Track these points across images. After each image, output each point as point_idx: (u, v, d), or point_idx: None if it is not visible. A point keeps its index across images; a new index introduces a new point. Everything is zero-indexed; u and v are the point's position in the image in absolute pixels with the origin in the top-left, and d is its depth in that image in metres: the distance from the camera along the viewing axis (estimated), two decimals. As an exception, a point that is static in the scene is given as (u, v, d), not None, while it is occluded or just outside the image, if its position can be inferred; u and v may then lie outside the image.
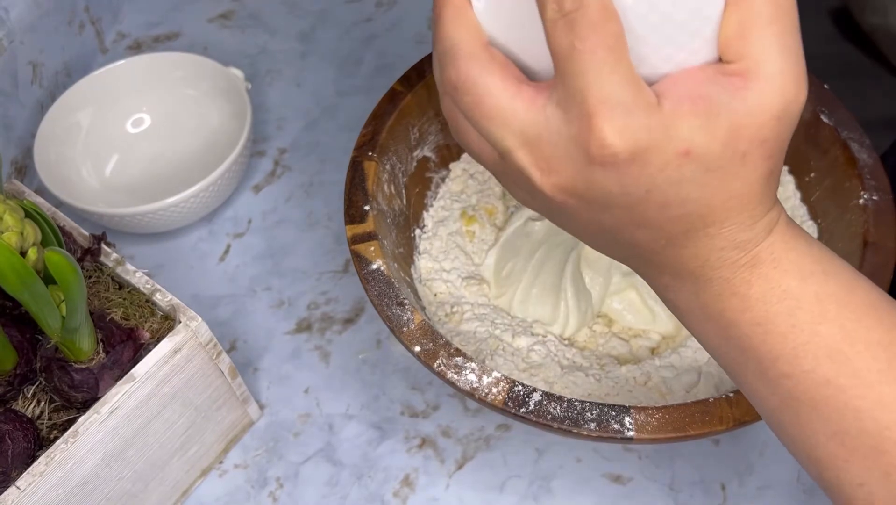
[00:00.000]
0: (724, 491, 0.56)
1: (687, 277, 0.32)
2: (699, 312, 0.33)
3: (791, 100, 0.29)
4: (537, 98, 0.29)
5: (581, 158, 0.29)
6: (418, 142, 0.61)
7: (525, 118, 0.30)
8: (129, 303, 0.51)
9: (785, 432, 0.34)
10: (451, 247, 0.61)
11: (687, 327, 0.35)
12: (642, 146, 0.28)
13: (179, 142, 0.74)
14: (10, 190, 0.57)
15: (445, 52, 0.31)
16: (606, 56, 0.27)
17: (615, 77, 0.27)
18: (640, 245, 0.32)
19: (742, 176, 0.29)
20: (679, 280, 0.33)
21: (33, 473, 0.45)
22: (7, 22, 0.69)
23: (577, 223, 0.33)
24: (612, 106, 0.27)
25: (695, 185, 0.29)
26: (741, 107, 0.28)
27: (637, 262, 0.34)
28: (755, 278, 0.31)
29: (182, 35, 0.85)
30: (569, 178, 0.30)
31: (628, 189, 0.29)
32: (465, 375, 0.47)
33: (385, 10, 0.86)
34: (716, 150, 0.28)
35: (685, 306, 0.34)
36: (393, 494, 0.57)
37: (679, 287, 0.33)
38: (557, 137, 0.29)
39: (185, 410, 0.53)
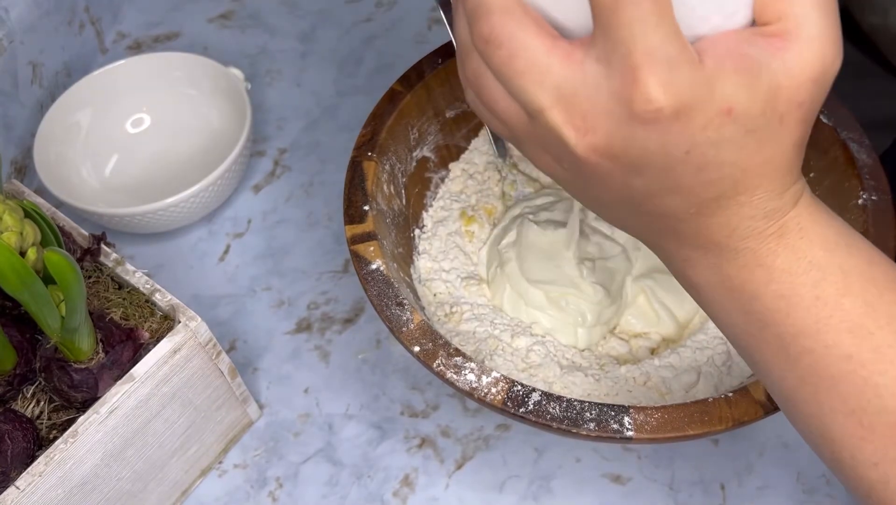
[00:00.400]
0: (724, 491, 0.56)
1: (711, 248, 0.32)
2: (720, 287, 0.33)
3: (829, 63, 0.28)
4: (574, 53, 0.28)
5: (622, 115, 0.28)
6: (418, 142, 0.61)
7: (561, 74, 0.28)
8: (128, 303, 0.51)
9: (800, 412, 0.34)
10: (451, 247, 0.61)
11: (702, 304, 0.35)
12: (686, 102, 0.27)
13: (179, 142, 0.74)
14: (10, 190, 0.57)
15: (478, 5, 0.30)
16: (652, 8, 0.26)
17: (661, 30, 0.26)
18: (667, 214, 0.31)
19: (778, 139, 0.29)
20: (701, 252, 0.32)
21: (33, 473, 0.45)
22: (7, 22, 0.69)
23: (604, 189, 0.31)
24: (658, 60, 0.27)
25: (733, 147, 0.29)
26: (781, 67, 0.28)
27: (656, 234, 0.34)
28: (781, 249, 0.31)
29: (182, 35, 0.85)
30: (606, 137, 0.29)
31: (668, 148, 0.28)
32: (465, 374, 0.47)
33: (385, 10, 0.86)
34: (756, 110, 0.28)
35: (705, 281, 0.33)
36: (393, 494, 0.57)
37: (700, 260, 0.33)
38: (596, 93, 0.28)
39: (185, 409, 0.53)
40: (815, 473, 0.56)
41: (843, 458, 0.33)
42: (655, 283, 0.58)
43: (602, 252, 0.58)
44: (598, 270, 0.57)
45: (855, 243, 0.32)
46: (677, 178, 0.29)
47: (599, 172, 0.30)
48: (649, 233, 0.34)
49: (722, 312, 0.34)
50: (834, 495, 0.56)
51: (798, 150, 0.30)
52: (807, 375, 0.32)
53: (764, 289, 0.32)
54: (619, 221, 0.35)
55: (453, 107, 0.63)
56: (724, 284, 0.33)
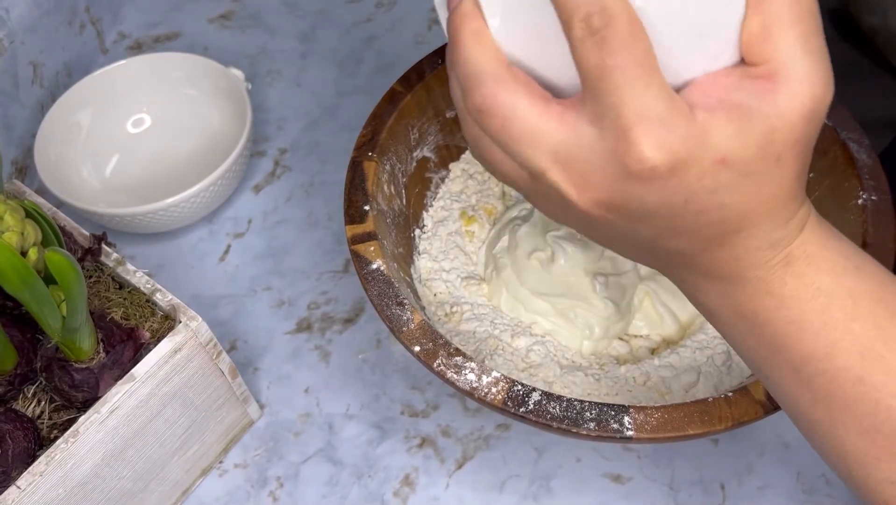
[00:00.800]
0: (724, 491, 0.56)
1: (721, 278, 0.33)
2: (731, 312, 0.34)
3: (820, 99, 0.29)
4: (566, 115, 0.29)
5: (618, 173, 0.29)
6: (418, 142, 0.61)
7: (556, 136, 0.29)
8: (129, 303, 0.51)
9: (815, 431, 0.34)
10: (451, 247, 0.61)
11: (716, 327, 0.36)
12: (680, 158, 0.28)
13: (180, 142, 0.74)
14: (11, 190, 0.58)
15: (468, 76, 0.31)
16: (639, 71, 0.27)
17: (649, 91, 0.27)
18: (676, 252, 0.32)
19: (777, 178, 0.30)
20: (712, 282, 0.33)
21: (33, 473, 0.45)
22: (8, 22, 0.69)
23: (612, 235, 0.33)
24: (649, 120, 0.27)
25: (731, 191, 0.29)
26: (772, 110, 0.28)
27: (668, 267, 0.34)
28: (789, 276, 0.32)
29: (182, 35, 0.85)
30: (606, 193, 0.30)
31: (667, 200, 0.29)
32: (465, 374, 0.47)
33: (385, 10, 0.86)
34: (751, 156, 0.28)
35: (717, 307, 0.34)
36: (393, 494, 0.57)
37: (711, 288, 0.33)
38: (591, 153, 0.29)
39: (186, 409, 0.53)
40: (814, 472, 0.56)
41: (859, 476, 0.33)
42: (659, 285, 0.58)
43: (615, 268, 0.58)
44: (611, 286, 0.57)
45: (864, 266, 0.33)
46: (680, 224, 0.30)
47: (604, 223, 0.31)
48: (662, 266, 0.35)
49: (735, 336, 0.35)
50: (834, 495, 0.56)
51: (799, 180, 0.31)
52: (820, 396, 0.33)
53: (774, 315, 0.32)
54: (631, 257, 0.35)
55: (453, 107, 0.63)
56: (736, 310, 0.33)
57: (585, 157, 0.29)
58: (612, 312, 0.56)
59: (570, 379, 0.53)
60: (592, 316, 0.56)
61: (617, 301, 0.57)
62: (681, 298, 0.58)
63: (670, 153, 0.28)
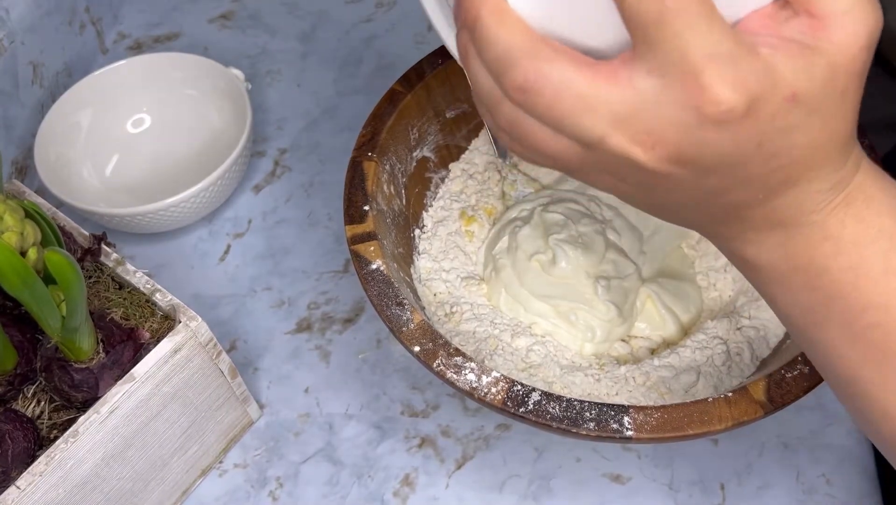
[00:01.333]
0: (723, 491, 0.56)
1: (777, 227, 0.31)
2: (784, 265, 0.32)
3: (873, 26, 0.28)
4: (619, 74, 0.28)
5: (690, 122, 0.27)
6: (418, 142, 0.61)
7: (613, 98, 0.28)
8: (129, 303, 0.51)
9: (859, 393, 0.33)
10: (451, 247, 0.61)
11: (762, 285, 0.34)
12: (755, 96, 0.27)
13: (180, 142, 0.74)
14: (11, 190, 0.58)
15: (500, 58, 0.29)
16: (700, 10, 0.26)
17: (714, 30, 0.26)
18: (737, 204, 0.31)
19: (841, 114, 0.29)
20: (766, 232, 0.32)
21: (33, 473, 0.45)
22: (8, 22, 0.69)
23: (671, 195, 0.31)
24: (719, 60, 0.26)
25: (801, 131, 0.28)
26: (829, 46, 0.28)
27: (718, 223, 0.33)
28: (849, 219, 0.31)
29: (182, 35, 0.85)
30: (677, 146, 0.28)
31: (740, 145, 0.28)
32: (465, 374, 0.47)
33: (385, 10, 0.86)
34: (817, 91, 0.28)
35: (769, 261, 0.33)
36: (393, 494, 0.57)
37: (765, 241, 0.32)
38: (657, 107, 0.27)
39: (186, 409, 0.53)
40: (814, 472, 0.56)
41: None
42: (660, 287, 0.58)
43: (617, 271, 0.58)
44: (613, 289, 0.57)
45: None
46: (750, 171, 0.29)
47: (670, 181, 0.30)
48: (711, 224, 0.33)
49: (785, 292, 0.33)
50: (834, 495, 0.56)
51: (856, 115, 0.30)
52: (872, 350, 0.32)
53: (832, 262, 0.31)
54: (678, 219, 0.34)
55: (453, 107, 0.63)
56: (790, 261, 0.32)
57: (650, 113, 0.28)
58: (614, 316, 0.56)
59: (570, 379, 0.53)
60: (594, 319, 0.56)
61: (619, 304, 0.57)
62: (682, 299, 0.58)
63: (745, 92, 0.26)
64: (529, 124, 0.30)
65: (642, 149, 0.28)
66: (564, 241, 0.58)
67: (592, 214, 0.60)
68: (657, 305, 0.58)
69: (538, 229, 0.59)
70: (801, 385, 0.45)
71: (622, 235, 0.60)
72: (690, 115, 0.27)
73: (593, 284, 0.57)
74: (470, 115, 0.64)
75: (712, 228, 0.34)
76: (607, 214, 0.61)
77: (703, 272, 0.60)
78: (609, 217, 0.61)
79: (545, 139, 0.30)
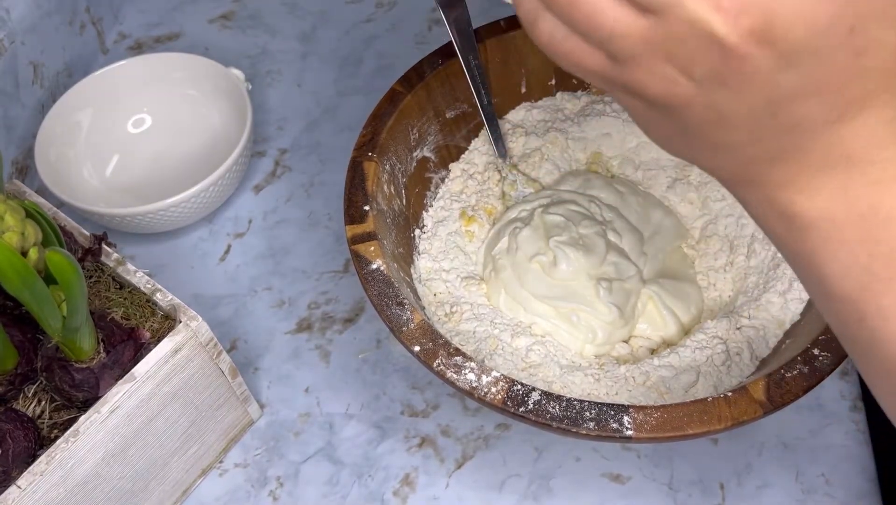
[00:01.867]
0: (723, 490, 0.56)
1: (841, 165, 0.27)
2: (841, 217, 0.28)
3: None
4: None
5: None
6: (418, 142, 0.62)
7: None
8: (129, 303, 0.51)
9: None
10: (451, 247, 0.61)
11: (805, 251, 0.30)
12: None
13: (180, 142, 0.74)
14: (11, 190, 0.58)
15: None
16: None
17: None
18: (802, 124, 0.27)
19: None
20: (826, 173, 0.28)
21: (34, 473, 0.45)
22: (8, 22, 0.69)
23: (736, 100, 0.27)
24: None
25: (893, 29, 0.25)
26: None
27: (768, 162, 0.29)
28: None
29: (183, 35, 0.85)
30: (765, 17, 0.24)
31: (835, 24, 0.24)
32: (465, 374, 0.47)
33: (385, 10, 0.86)
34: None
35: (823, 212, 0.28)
36: (393, 494, 0.57)
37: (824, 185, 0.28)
38: None
39: (186, 409, 0.53)
40: (814, 472, 0.57)
41: None
42: (661, 288, 0.58)
43: (619, 273, 0.58)
44: (615, 291, 0.57)
45: None
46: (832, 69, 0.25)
47: (745, 70, 0.25)
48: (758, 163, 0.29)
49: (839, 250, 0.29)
50: (833, 495, 0.56)
51: None
52: None
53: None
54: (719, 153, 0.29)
55: (453, 107, 0.63)
56: (851, 210, 0.28)
57: None
58: (616, 317, 0.56)
59: (570, 379, 0.53)
60: (596, 320, 0.56)
61: (621, 306, 0.57)
62: (684, 299, 0.58)
63: None
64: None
65: (724, 17, 0.24)
66: (565, 244, 0.58)
67: (593, 216, 0.60)
68: (658, 306, 0.58)
69: (538, 231, 0.59)
70: (801, 385, 0.45)
71: (623, 237, 0.60)
72: None
73: (595, 286, 0.57)
74: (470, 115, 0.64)
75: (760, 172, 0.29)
76: (607, 215, 0.61)
77: (703, 272, 0.61)
78: (609, 218, 0.61)
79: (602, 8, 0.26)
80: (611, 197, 0.63)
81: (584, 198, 0.62)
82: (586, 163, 0.66)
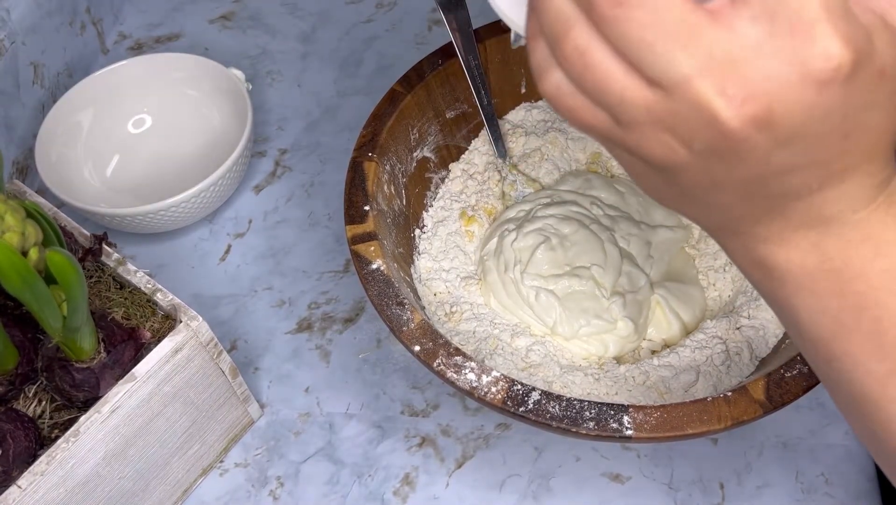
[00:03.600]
0: (723, 490, 0.56)
1: (817, 224, 0.29)
2: (814, 270, 0.30)
3: None
4: (721, 14, 0.25)
5: (792, 77, 0.25)
6: (418, 142, 0.62)
7: (712, 38, 0.25)
8: (130, 302, 0.51)
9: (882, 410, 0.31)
10: (451, 247, 0.61)
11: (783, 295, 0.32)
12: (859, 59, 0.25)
13: (180, 142, 0.74)
14: (12, 190, 0.58)
15: None
16: None
17: None
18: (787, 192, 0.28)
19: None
20: (804, 231, 0.30)
21: (34, 473, 0.45)
22: (9, 23, 0.69)
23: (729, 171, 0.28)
24: (835, 11, 0.24)
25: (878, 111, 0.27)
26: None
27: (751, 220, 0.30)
28: (891, 219, 0.29)
29: (183, 36, 0.85)
30: (767, 105, 0.25)
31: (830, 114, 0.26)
32: (465, 374, 0.47)
33: (385, 11, 0.86)
34: None
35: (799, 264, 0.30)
36: (393, 493, 0.57)
37: (800, 241, 0.30)
38: (756, 57, 0.25)
39: (186, 409, 0.53)
40: (813, 472, 0.57)
41: None
42: (668, 291, 0.58)
43: (632, 284, 0.58)
44: (629, 304, 0.57)
45: None
46: (822, 149, 0.27)
47: (742, 149, 0.27)
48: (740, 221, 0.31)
49: (808, 300, 0.31)
50: (833, 494, 0.56)
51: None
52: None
53: (869, 265, 0.29)
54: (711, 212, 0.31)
55: (453, 107, 0.63)
56: (822, 266, 0.30)
57: (749, 61, 0.25)
58: (631, 332, 0.56)
59: (570, 378, 0.53)
60: (609, 335, 0.56)
61: (635, 319, 0.57)
62: (689, 302, 0.58)
63: (854, 52, 0.25)
64: (601, 55, 0.27)
65: (728, 103, 0.25)
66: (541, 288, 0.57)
67: (598, 219, 0.60)
68: (665, 311, 0.58)
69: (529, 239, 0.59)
70: (801, 385, 0.45)
71: (630, 242, 0.60)
72: (794, 68, 0.25)
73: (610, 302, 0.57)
74: (470, 115, 0.64)
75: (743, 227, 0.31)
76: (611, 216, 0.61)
77: (703, 272, 0.61)
78: (614, 216, 0.61)
79: (614, 75, 0.27)
80: (611, 197, 0.63)
81: (585, 199, 0.62)
82: (586, 163, 0.67)
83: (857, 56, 0.25)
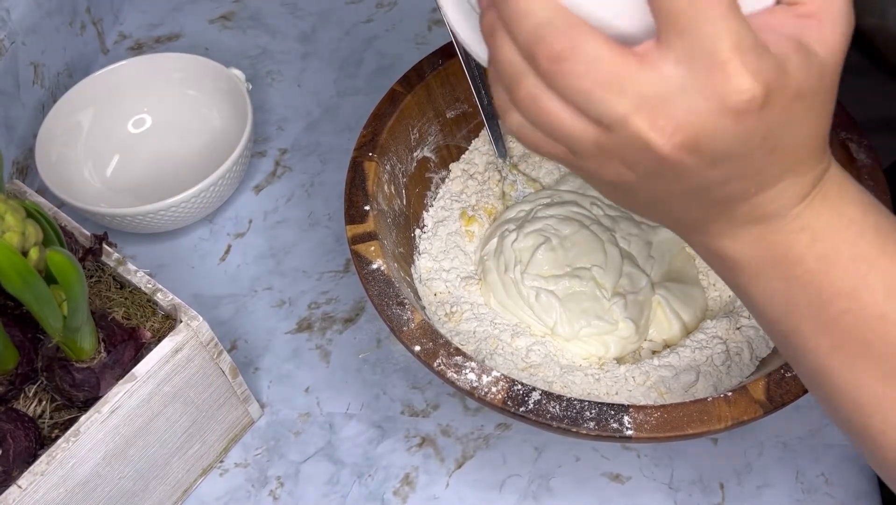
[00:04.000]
0: (723, 490, 0.56)
1: (760, 220, 0.33)
2: (763, 258, 0.34)
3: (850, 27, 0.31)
4: (648, 58, 0.29)
5: (712, 110, 0.29)
6: (418, 142, 0.62)
7: (642, 80, 0.29)
8: (130, 302, 0.51)
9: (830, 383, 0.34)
10: (451, 247, 0.61)
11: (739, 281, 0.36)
12: (771, 89, 0.28)
13: (181, 142, 0.74)
14: (12, 190, 0.58)
15: (540, 25, 0.29)
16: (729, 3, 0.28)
17: (740, 23, 0.28)
18: (729, 198, 0.32)
19: (828, 110, 0.31)
20: (749, 227, 0.33)
21: (34, 472, 0.45)
22: (9, 23, 0.69)
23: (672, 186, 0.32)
24: (745, 50, 0.28)
25: (799, 125, 0.30)
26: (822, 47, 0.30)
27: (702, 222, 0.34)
28: (824, 209, 0.33)
29: (183, 36, 0.85)
30: (695, 135, 0.29)
31: (750, 137, 0.29)
32: (465, 374, 0.47)
33: (385, 10, 0.86)
34: (815, 88, 0.30)
35: (748, 255, 0.34)
36: (393, 493, 0.57)
37: (746, 235, 0.34)
38: (681, 95, 0.29)
39: (186, 409, 0.53)
40: (814, 472, 0.57)
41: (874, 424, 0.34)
42: (669, 292, 0.58)
43: (633, 285, 0.58)
44: (630, 305, 0.57)
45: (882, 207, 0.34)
46: (751, 163, 0.31)
47: (678, 170, 0.31)
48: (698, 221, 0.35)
49: (760, 285, 0.35)
50: (833, 494, 0.56)
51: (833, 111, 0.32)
52: (841, 339, 0.33)
53: (807, 251, 0.33)
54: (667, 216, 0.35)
55: (453, 107, 0.63)
56: (768, 254, 0.34)
57: (674, 98, 0.29)
58: (632, 332, 0.56)
59: (570, 379, 0.53)
60: (610, 337, 0.56)
61: (636, 320, 0.57)
62: (690, 302, 0.58)
63: (765, 84, 0.28)
64: (550, 102, 0.30)
65: (660, 134, 0.29)
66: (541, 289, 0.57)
67: (598, 220, 0.60)
68: (666, 312, 0.58)
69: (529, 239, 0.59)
70: (801, 385, 0.45)
71: (631, 242, 0.60)
72: (713, 103, 0.28)
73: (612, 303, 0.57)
74: (470, 115, 0.64)
75: (698, 226, 0.35)
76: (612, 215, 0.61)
77: (704, 272, 0.61)
78: (614, 216, 0.61)
79: (563, 118, 0.31)
80: (612, 197, 0.62)
81: (586, 199, 0.62)
82: (586, 163, 0.66)
83: (768, 87, 0.28)
